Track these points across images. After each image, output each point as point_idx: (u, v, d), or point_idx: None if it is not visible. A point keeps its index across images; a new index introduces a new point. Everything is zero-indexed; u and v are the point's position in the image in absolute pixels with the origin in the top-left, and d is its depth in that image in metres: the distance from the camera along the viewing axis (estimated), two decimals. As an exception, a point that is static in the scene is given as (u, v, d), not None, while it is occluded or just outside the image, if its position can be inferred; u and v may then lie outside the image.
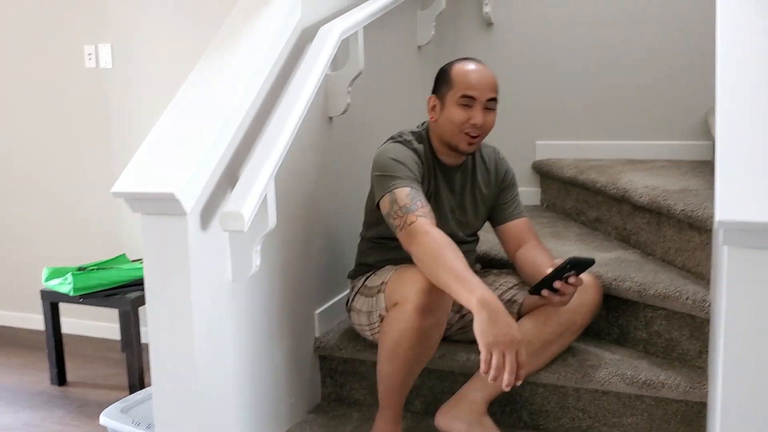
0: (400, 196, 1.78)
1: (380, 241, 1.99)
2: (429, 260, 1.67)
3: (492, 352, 1.50)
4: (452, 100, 1.88)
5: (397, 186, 1.80)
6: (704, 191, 2.14)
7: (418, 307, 1.69)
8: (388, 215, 1.80)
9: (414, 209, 1.75)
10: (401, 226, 1.75)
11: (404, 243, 1.76)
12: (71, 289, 2.84)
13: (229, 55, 1.80)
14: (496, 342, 1.50)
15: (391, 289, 1.81)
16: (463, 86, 1.87)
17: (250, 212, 1.54)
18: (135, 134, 3.38)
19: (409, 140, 1.93)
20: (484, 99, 1.87)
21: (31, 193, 3.66)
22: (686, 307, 1.85)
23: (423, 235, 1.70)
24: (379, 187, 1.84)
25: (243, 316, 1.78)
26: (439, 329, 1.77)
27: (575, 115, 2.99)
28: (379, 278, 1.91)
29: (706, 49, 2.75)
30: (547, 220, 2.73)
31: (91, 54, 3.41)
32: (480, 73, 1.89)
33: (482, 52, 3.04)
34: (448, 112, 1.89)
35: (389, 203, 1.80)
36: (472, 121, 1.86)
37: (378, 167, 1.87)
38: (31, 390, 3.01)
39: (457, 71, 1.90)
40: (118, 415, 2.15)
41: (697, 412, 1.82)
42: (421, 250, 1.69)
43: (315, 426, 2.02)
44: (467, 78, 1.88)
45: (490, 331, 1.51)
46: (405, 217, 1.75)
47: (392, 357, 1.77)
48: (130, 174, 1.55)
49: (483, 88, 1.87)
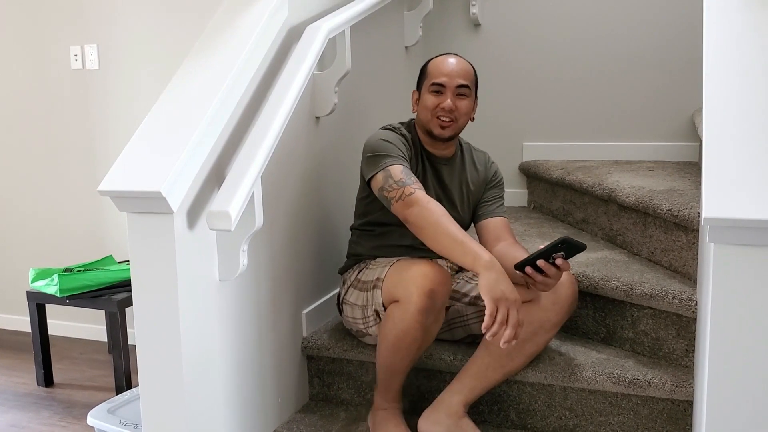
0: (395, 171, 1.84)
1: (369, 228, 2.03)
2: (430, 227, 1.75)
3: (498, 307, 1.62)
4: (426, 88, 1.98)
5: (391, 164, 1.86)
6: (690, 191, 2.16)
7: (421, 309, 1.74)
8: (381, 189, 1.85)
9: (410, 182, 1.82)
10: (397, 197, 1.81)
11: (400, 211, 1.81)
12: (58, 290, 2.82)
13: (216, 54, 1.80)
14: (503, 297, 1.63)
15: (391, 285, 1.84)
16: (435, 74, 1.96)
17: (237, 211, 1.54)
18: (121, 135, 3.37)
19: (397, 127, 2.00)
20: (453, 85, 1.94)
21: (17, 194, 3.64)
22: (673, 306, 1.86)
23: (425, 203, 1.77)
24: (372, 165, 1.89)
25: (230, 315, 1.77)
26: (438, 322, 1.84)
27: (562, 117, 3.00)
28: (374, 273, 1.92)
29: (692, 52, 2.78)
30: (534, 221, 2.74)
31: (78, 55, 3.39)
32: (452, 62, 1.97)
33: (469, 53, 3.06)
34: (423, 100, 1.99)
35: (383, 178, 1.85)
36: (442, 105, 1.94)
37: (370, 149, 1.91)
38: (17, 391, 2.99)
39: (433, 63, 2.00)
40: (105, 415, 2.14)
41: (683, 410, 1.83)
42: (421, 217, 1.76)
43: (302, 425, 2.01)
44: (439, 67, 1.97)
45: (497, 288, 1.63)
46: (402, 189, 1.81)
47: (395, 350, 1.82)
48: (117, 172, 1.54)
49: (453, 74, 1.95)
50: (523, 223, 2.69)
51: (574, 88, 2.97)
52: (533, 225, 2.65)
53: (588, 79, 2.94)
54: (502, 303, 1.62)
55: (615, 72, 2.90)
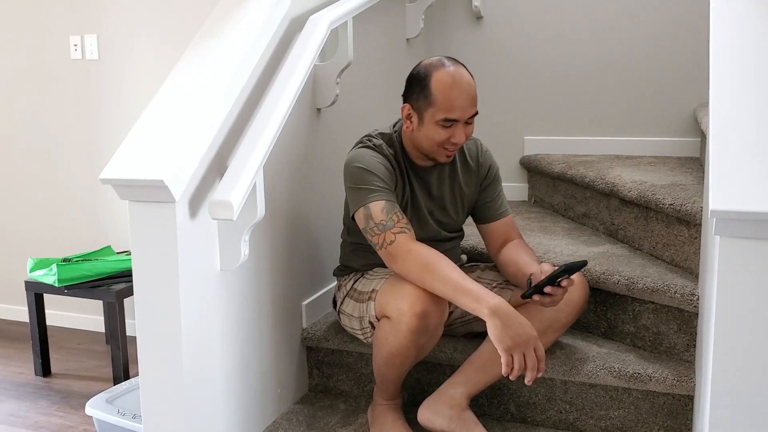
0: (375, 211, 1.75)
1: (362, 246, 1.96)
2: (420, 277, 1.67)
3: (513, 355, 1.56)
4: (432, 118, 1.78)
5: (371, 200, 1.76)
6: (693, 186, 2.15)
7: (414, 330, 1.69)
8: (365, 231, 1.78)
9: (390, 226, 1.73)
10: (380, 244, 1.74)
11: (386, 261, 1.75)
12: (56, 280, 2.81)
13: (217, 45, 1.79)
14: (515, 345, 1.56)
15: (384, 300, 1.78)
16: (446, 108, 1.76)
17: (239, 201, 1.53)
18: (121, 126, 3.36)
19: (378, 144, 1.87)
20: (466, 117, 1.78)
21: (16, 184, 3.63)
22: (674, 300, 1.86)
23: (406, 253, 1.70)
24: (353, 199, 1.81)
25: (231, 306, 1.77)
26: (434, 340, 1.79)
27: (564, 111, 2.99)
28: (370, 284, 1.89)
29: (694, 47, 2.78)
30: (535, 215, 2.73)
31: (77, 45, 3.37)
32: (462, 89, 1.76)
33: (471, 47, 3.05)
34: (427, 129, 1.80)
35: (364, 218, 1.77)
36: (454, 140, 1.79)
37: (350, 178, 1.81)
38: (15, 381, 2.98)
39: (438, 86, 1.76)
40: (104, 405, 2.14)
41: (683, 405, 1.83)
42: (407, 269, 1.69)
43: (301, 416, 2.01)
44: (450, 99, 1.75)
45: (507, 335, 1.56)
46: (383, 236, 1.73)
47: (388, 363, 1.80)
48: (119, 161, 1.53)
49: (466, 107, 1.77)
50: (524, 217, 2.68)
51: (576, 82, 2.96)
52: (534, 219, 2.65)
53: (590, 73, 2.93)
54: (515, 350, 1.56)
55: (617, 67, 2.89)
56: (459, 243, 2.09)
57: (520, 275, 1.82)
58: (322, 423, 1.98)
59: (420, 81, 1.80)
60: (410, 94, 1.83)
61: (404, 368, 1.80)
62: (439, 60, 1.81)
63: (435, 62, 1.80)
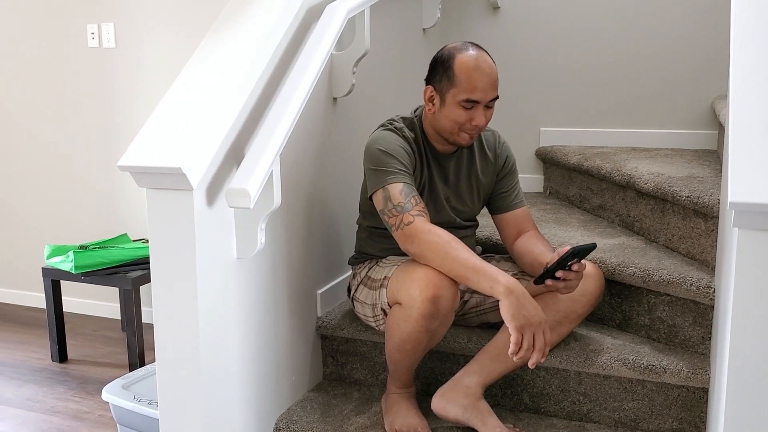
0: (394, 193, 1.77)
1: (378, 230, 1.98)
2: (437, 258, 1.69)
3: (523, 334, 1.59)
4: (454, 99, 1.81)
5: (390, 182, 1.79)
6: (710, 178, 2.14)
7: (425, 314, 1.70)
8: (382, 212, 1.80)
9: (409, 208, 1.75)
10: (397, 225, 1.75)
11: (401, 242, 1.76)
12: (73, 267, 2.84)
13: (234, 33, 1.79)
14: (528, 323, 1.59)
15: (395, 286, 1.79)
16: (468, 88, 1.79)
17: (256, 189, 1.54)
18: (138, 114, 3.37)
19: (400, 127, 1.90)
20: (487, 100, 1.82)
21: (33, 172, 3.66)
22: (690, 293, 1.85)
23: (425, 233, 1.71)
24: (372, 181, 1.83)
25: (247, 294, 1.78)
26: (446, 325, 1.79)
27: (580, 102, 2.98)
28: (383, 271, 1.89)
29: (714, 38, 2.75)
30: (550, 206, 2.73)
31: (94, 33, 3.39)
32: (484, 72, 1.80)
33: (487, 37, 3.04)
34: (448, 110, 1.83)
35: (383, 200, 1.79)
36: (474, 122, 1.82)
37: (370, 159, 1.84)
38: (32, 366, 3.02)
39: (461, 68, 1.80)
40: (120, 391, 2.16)
41: (698, 398, 1.83)
42: (425, 249, 1.70)
43: (316, 404, 2.02)
44: (472, 79, 1.79)
45: (520, 314, 1.59)
46: (401, 216, 1.75)
47: (400, 350, 1.80)
48: (137, 148, 1.54)
49: (487, 90, 1.80)
50: (539, 209, 2.68)
51: (593, 73, 2.94)
52: (549, 211, 2.64)
53: (607, 64, 2.91)
54: (527, 329, 1.59)
55: (635, 58, 2.87)
56: (474, 233, 2.10)
57: (536, 265, 1.82)
58: (336, 411, 1.99)
59: (443, 63, 1.84)
60: (433, 76, 1.87)
61: (416, 355, 1.81)
62: (463, 44, 1.86)
63: (459, 46, 1.85)
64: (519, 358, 1.61)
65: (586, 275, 1.83)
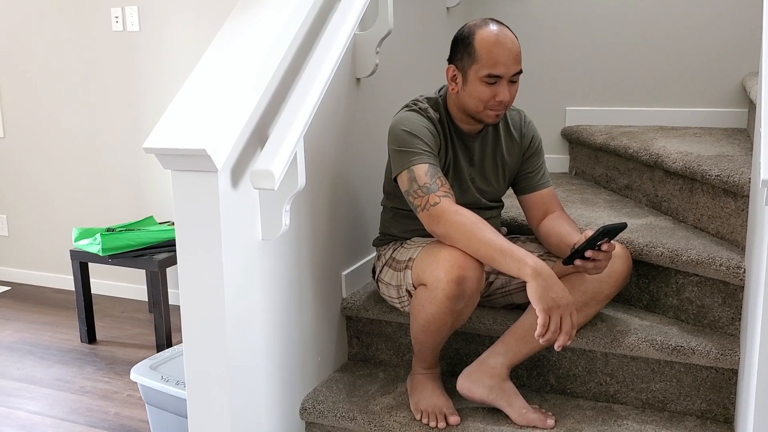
0: (419, 173, 1.76)
1: (403, 211, 1.97)
2: (464, 239, 1.68)
3: (551, 316, 1.58)
4: (476, 75, 1.79)
5: (415, 162, 1.78)
6: (740, 157, 2.10)
7: (450, 296, 1.69)
8: (407, 193, 1.79)
9: (434, 189, 1.74)
10: (422, 206, 1.75)
11: (427, 223, 1.75)
12: (100, 249, 2.87)
13: (257, 14, 1.78)
14: (556, 305, 1.59)
15: (420, 268, 1.79)
16: (489, 63, 1.77)
17: (281, 170, 1.54)
18: (162, 97, 3.39)
19: (424, 108, 1.88)
20: (510, 74, 1.79)
21: (60, 155, 3.70)
22: (719, 273, 1.82)
23: (452, 214, 1.70)
24: (397, 162, 1.82)
25: (272, 275, 1.78)
26: (471, 306, 1.78)
27: (606, 81, 2.93)
28: (408, 252, 1.89)
29: (743, 15, 2.69)
30: (576, 187, 2.70)
31: (118, 17, 3.40)
32: (505, 46, 1.77)
33: (512, 16, 3.00)
34: (471, 88, 1.81)
35: (408, 181, 1.78)
36: (499, 98, 1.79)
37: (394, 140, 1.83)
38: (62, 347, 3.06)
39: (481, 43, 1.77)
40: (148, 371, 2.18)
41: (727, 379, 1.80)
42: (452, 230, 1.70)
43: (341, 384, 2.03)
44: (493, 54, 1.76)
45: (548, 296, 1.58)
46: (426, 197, 1.74)
47: (425, 331, 1.80)
48: (162, 130, 1.54)
49: (509, 64, 1.77)
50: (565, 189, 2.65)
51: (619, 51, 2.89)
52: (575, 191, 2.61)
53: (634, 42, 2.86)
54: (554, 311, 1.59)
55: (662, 35, 2.82)
56: (499, 214, 2.08)
57: (563, 246, 1.80)
58: (362, 391, 2.00)
59: (464, 40, 1.82)
60: (455, 55, 1.86)
61: (441, 336, 1.81)
62: (483, 20, 1.84)
63: (479, 22, 1.83)
64: (546, 341, 1.60)
65: (614, 256, 1.81)
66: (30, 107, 3.71)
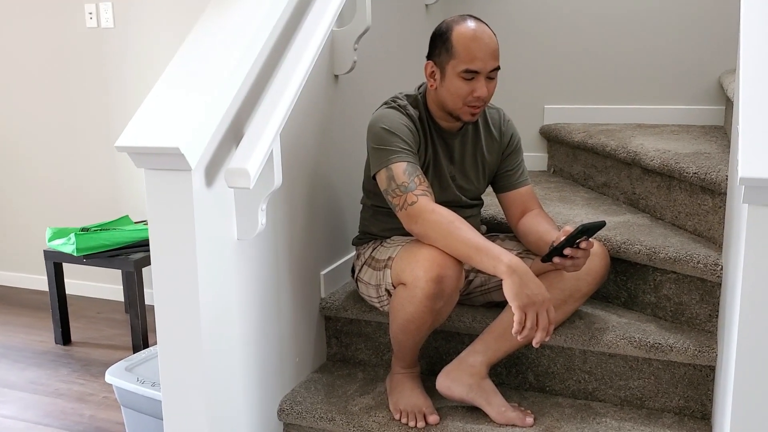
0: (397, 172, 1.75)
1: (382, 210, 1.96)
2: (441, 237, 1.67)
3: (527, 313, 1.58)
4: (454, 71, 1.79)
5: (393, 161, 1.77)
6: (717, 155, 2.11)
7: (429, 295, 1.68)
8: (386, 192, 1.78)
9: (413, 188, 1.73)
10: (401, 205, 1.74)
11: (405, 222, 1.74)
12: (75, 250, 2.83)
13: (232, 10, 1.76)
14: (531, 302, 1.58)
15: (399, 267, 1.78)
16: (466, 59, 1.77)
17: (256, 169, 1.52)
18: (137, 94, 3.35)
19: (404, 105, 1.87)
20: (488, 70, 1.79)
21: (33, 154, 3.64)
22: (697, 270, 1.83)
23: (429, 213, 1.70)
24: (375, 160, 1.81)
25: (248, 275, 1.76)
26: (450, 305, 1.77)
27: (584, 79, 2.94)
28: (387, 251, 1.88)
29: (720, 13, 2.71)
30: (554, 185, 2.70)
31: (92, 13, 3.36)
32: (483, 41, 1.77)
33: (491, 14, 2.99)
34: (449, 84, 1.81)
35: (386, 179, 1.77)
36: (476, 94, 1.79)
37: (373, 138, 1.82)
38: (36, 349, 3.01)
39: (459, 39, 1.78)
40: (123, 373, 2.15)
41: (705, 375, 1.81)
42: (429, 228, 1.69)
43: (320, 385, 2.01)
44: (470, 49, 1.76)
45: (523, 293, 1.58)
46: (404, 196, 1.73)
47: (404, 331, 1.79)
48: (134, 129, 1.52)
49: (487, 59, 1.77)
50: (544, 187, 2.65)
51: (597, 49, 2.90)
52: (553, 189, 2.61)
53: (611, 40, 2.87)
54: (530, 308, 1.58)
55: (640, 34, 2.83)
56: (479, 212, 2.08)
57: (541, 243, 1.80)
58: (341, 392, 1.98)
59: (442, 35, 1.82)
60: (433, 51, 1.86)
61: (420, 335, 1.80)
62: (461, 16, 1.84)
63: (457, 18, 1.84)
64: (523, 338, 1.60)
65: (592, 253, 1.81)
66: (2, 105, 3.65)
